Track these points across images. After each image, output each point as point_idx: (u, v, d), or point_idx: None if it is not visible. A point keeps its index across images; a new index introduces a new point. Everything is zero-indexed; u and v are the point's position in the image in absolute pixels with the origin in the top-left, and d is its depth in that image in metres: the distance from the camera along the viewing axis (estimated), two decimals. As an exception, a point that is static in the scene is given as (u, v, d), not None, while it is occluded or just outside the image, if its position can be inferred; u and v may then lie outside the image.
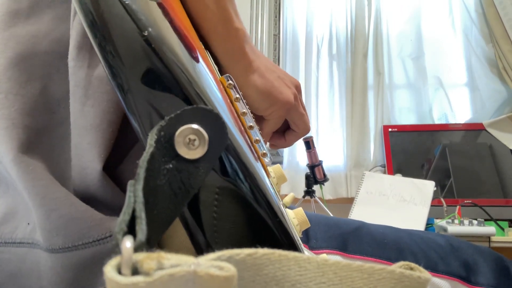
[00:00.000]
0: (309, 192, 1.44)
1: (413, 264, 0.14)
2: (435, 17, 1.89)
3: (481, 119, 1.72)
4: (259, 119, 0.41)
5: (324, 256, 0.26)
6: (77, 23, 0.31)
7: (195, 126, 0.16)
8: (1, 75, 0.32)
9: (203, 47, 0.32)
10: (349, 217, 1.33)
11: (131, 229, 0.14)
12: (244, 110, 0.30)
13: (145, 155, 0.15)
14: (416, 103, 1.85)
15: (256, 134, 0.31)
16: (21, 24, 0.33)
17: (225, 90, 0.30)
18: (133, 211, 0.14)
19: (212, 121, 0.16)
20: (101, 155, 0.30)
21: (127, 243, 0.12)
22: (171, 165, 0.16)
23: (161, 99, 0.21)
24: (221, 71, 0.35)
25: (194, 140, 0.16)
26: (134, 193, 0.15)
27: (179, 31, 0.23)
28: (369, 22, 1.93)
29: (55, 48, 0.33)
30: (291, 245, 0.19)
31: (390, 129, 1.77)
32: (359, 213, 1.33)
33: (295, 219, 0.28)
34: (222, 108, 0.24)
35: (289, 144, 0.49)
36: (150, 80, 0.21)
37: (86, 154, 0.30)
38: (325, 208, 1.45)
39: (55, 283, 0.30)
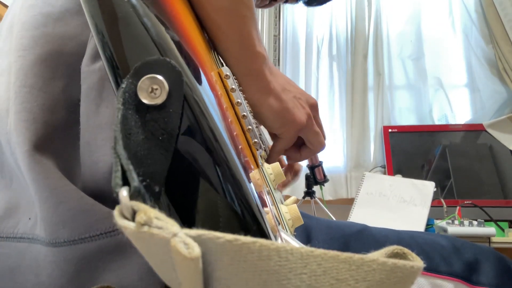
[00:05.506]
0: (309, 193, 1.44)
1: (406, 250, 0.13)
2: (435, 17, 1.89)
3: (481, 120, 1.72)
4: (272, 136, 0.43)
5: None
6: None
7: (151, 75, 0.18)
8: (29, 70, 0.33)
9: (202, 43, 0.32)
10: (349, 218, 1.33)
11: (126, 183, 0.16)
12: (239, 100, 0.30)
13: (117, 119, 0.17)
14: (416, 104, 1.85)
15: (249, 123, 0.32)
16: (51, 25, 0.35)
17: (222, 80, 0.30)
18: (122, 167, 0.16)
19: (164, 66, 0.18)
20: None
21: (123, 192, 0.15)
22: (146, 118, 0.18)
23: None
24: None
25: (156, 88, 0.17)
26: (117, 153, 0.16)
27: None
28: (369, 23, 1.93)
29: (79, 51, 0.34)
30: (258, 229, 0.20)
31: (390, 130, 1.77)
32: (359, 214, 1.33)
33: (287, 213, 0.28)
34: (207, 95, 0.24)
35: (303, 158, 0.51)
36: None
37: (99, 149, 0.31)
38: (325, 209, 1.45)
39: (55, 278, 0.30)
